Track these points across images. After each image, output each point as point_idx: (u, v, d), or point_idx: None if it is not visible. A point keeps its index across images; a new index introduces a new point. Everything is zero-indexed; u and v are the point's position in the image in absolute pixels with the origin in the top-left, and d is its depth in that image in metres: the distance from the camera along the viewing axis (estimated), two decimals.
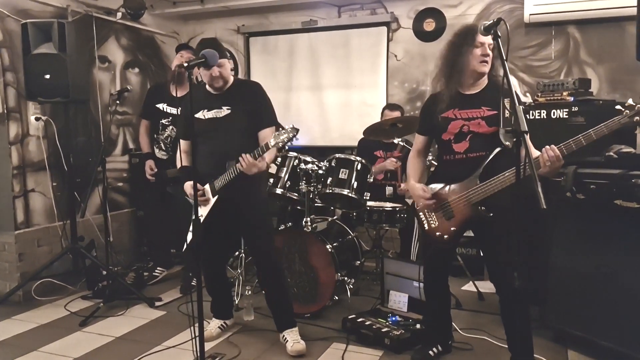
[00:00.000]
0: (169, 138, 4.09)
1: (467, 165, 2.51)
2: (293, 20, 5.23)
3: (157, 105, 4.11)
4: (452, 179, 2.57)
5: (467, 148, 2.52)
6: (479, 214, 2.47)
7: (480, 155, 2.48)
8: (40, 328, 3.40)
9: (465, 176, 2.51)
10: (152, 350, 3.00)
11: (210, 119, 2.90)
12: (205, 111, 2.92)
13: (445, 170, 2.64)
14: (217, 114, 2.90)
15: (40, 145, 4.09)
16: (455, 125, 2.52)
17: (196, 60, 2.40)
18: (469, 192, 2.48)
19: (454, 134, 2.53)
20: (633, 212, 2.56)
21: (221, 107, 2.90)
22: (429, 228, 2.66)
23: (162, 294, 3.94)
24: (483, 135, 2.47)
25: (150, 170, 4.11)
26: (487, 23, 1.95)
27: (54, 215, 4.17)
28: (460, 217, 2.54)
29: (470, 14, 4.62)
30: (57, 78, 3.66)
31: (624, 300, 2.59)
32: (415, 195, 2.67)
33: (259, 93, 2.97)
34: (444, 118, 2.56)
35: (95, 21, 4.54)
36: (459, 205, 2.53)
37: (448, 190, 2.58)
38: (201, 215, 2.88)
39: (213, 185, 2.88)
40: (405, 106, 4.89)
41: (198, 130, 2.86)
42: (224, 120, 2.89)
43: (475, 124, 2.48)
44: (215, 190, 2.87)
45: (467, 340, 3.04)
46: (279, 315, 3.08)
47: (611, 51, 4.18)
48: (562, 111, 3.37)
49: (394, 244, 4.68)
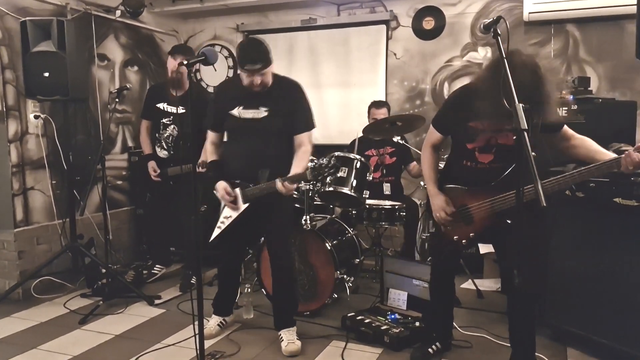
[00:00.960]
0: (170, 137, 4.08)
1: (489, 174, 2.43)
2: (292, 19, 5.23)
3: (157, 105, 4.09)
4: (471, 184, 2.50)
5: (491, 160, 2.45)
6: (501, 223, 2.39)
7: (504, 166, 2.39)
8: (39, 326, 3.40)
9: (486, 183, 2.43)
10: (152, 348, 3.00)
11: (247, 119, 2.81)
12: (241, 109, 2.81)
13: (462, 174, 2.55)
14: (254, 115, 2.79)
15: (39, 144, 4.09)
16: (484, 138, 2.43)
17: (196, 59, 2.31)
18: (496, 199, 2.40)
19: (480, 145, 2.45)
20: (632, 210, 2.56)
21: (259, 108, 2.79)
22: (445, 231, 2.60)
23: (162, 292, 3.94)
24: (510, 147, 2.35)
25: (154, 172, 4.09)
26: (487, 21, 1.95)
27: (53, 214, 4.17)
28: (481, 223, 2.48)
29: (469, 12, 4.62)
30: (56, 76, 3.66)
31: (623, 298, 2.60)
32: (437, 206, 2.56)
33: (299, 94, 2.87)
34: (472, 127, 2.44)
35: (94, 19, 4.54)
36: (481, 211, 2.46)
37: (468, 194, 2.51)
38: (229, 216, 2.90)
39: (246, 193, 2.83)
40: (404, 105, 4.91)
41: (232, 127, 2.81)
42: (261, 122, 2.79)
43: (503, 136, 2.38)
44: (247, 198, 2.83)
45: (466, 338, 3.04)
46: (280, 312, 3.07)
47: (610, 49, 4.18)
48: (562, 109, 3.37)
49: (393, 242, 4.69)
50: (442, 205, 2.55)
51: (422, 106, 4.85)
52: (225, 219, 2.95)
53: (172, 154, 4.07)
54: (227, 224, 2.93)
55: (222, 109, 2.85)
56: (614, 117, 3.46)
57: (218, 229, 2.98)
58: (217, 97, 2.99)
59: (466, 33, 4.66)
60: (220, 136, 2.98)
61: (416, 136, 4.76)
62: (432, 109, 4.72)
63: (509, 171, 2.36)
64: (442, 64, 4.76)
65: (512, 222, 2.36)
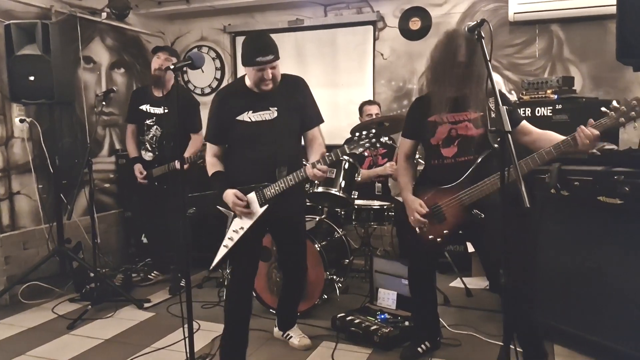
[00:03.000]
0: (154, 138, 4.08)
1: (456, 169, 2.51)
2: (279, 20, 5.23)
3: (140, 107, 4.10)
4: (441, 183, 2.57)
5: (455, 152, 2.52)
6: (472, 217, 2.47)
7: (469, 159, 2.49)
8: (27, 332, 3.37)
9: (455, 179, 2.51)
10: (142, 352, 2.99)
11: (258, 122, 2.61)
12: (250, 112, 2.61)
13: (433, 174, 2.63)
14: (264, 116, 2.61)
15: (25, 147, 4.06)
16: (443, 130, 2.52)
17: (182, 63, 2.27)
18: (461, 194, 2.49)
19: (441, 138, 2.52)
20: (616, 208, 2.60)
21: (268, 108, 2.62)
22: (420, 231, 2.65)
23: (151, 295, 3.93)
24: (471, 138, 2.47)
25: (140, 175, 4.09)
26: (471, 24, 1.97)
27: (40, 218, 4.14)
28: (453, 220, 2.55)
29: (455, 13, 4.65)
30: (41, 79, 3.63)
31: (608, 295, 2.63)
32: (411, 209, 2.62)
33: (304, 89, 2.76)
34: (431, 122, 2.54)
35: (79, 21, 4.51)
36: (451, 208, 2.53)
37: (438, 194, 2.58)
38: (241, 227, 2.61)
39: (262, 193, 2.57)
40: (391, 104, 4.93)
41: (242, 134, 2.61)
42: (273, 122, 2.61)
43: (462, 127, 2.48)
44: (266, 200, 2.57)
45: (455, 336, 3.07)
46: (286, 315, 3.11)
47: (594, 49, 4.24)
48: (547, 109, 3.42)
49: (382, 241, 4.71)
50: (415, 207, 2.60)
51: (410, 106, 4.86)
52: (234, 233, 2.62)
53: (156, 154, 4.07)
54: (238, 238, 2.61)
55: (227, 117, 2.63)
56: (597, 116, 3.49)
57: (224, 248, 2.64)
58: (220, 106, 2.68)
59: None
60: (223, 148, 2.74)
61: None
62: None
63: (475, 166, 2.45)
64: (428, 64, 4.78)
65: (486, 216, 2.43)
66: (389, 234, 4.42)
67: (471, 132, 2.47)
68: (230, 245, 2.62)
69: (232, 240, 2.62)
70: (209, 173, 2.70)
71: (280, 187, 2.53)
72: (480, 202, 2.44)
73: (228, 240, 2.64)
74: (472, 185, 2.44)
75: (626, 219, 2.59)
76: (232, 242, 2.62)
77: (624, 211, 2.58)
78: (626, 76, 4.10)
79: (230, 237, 2.64)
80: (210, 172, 2.68)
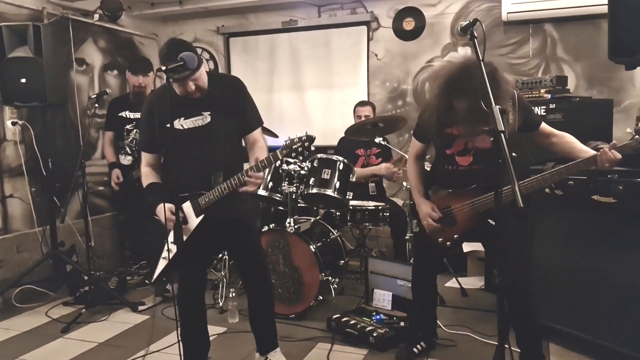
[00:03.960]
0: (133, 141, 4.20)
1: (470, 176, 2.48)
2: (273, 20, 5.22)
3: (120, 114, 4.24)
4: (454, 186, 2.54)
5: (471, 162, 2.49)
6: (484, 224, 2.43)
7: (484, 167, 2.45)
8: (21, 335, 3.35)
9: (468, 185, 2.48)
10: (136, 355, 2.97)
11: (191, 129, 2.45)
12: (182, 119, 2.45)
13: (445, 178, 2.59)
14: (197, 122, 2.46)
15: (17, 150, 4.03)
16: (461, 143, 2.48)
17: (174, 64, 2.19)
18: (475, 201, 2.45)
19: (458, 150, 2.50)
20: (610, 207, 2.61)
21: (201, 113, 2.46)
22: (430, 233, 2.63)
23: (145, 299, 3.91)
24: (487, 149, 2.41)
25: (116, 179, 4.19)
26: (464, 24, 1.97)
27: (34, 221, 4.11)
28: (464, 224, 2.52)
29: (449, 13, 4.66)
30: (33, 82, 3.61)
31: (602, 293, 2.64)
32: (424, 213, 2.59)
33: (240, 90, 2.57)
34: (448, 134, 2.49)
35: (72, 23, 4.48)
36: (463, 212, 2.51)
37: (450, 197, 2.55)
38: None
39: (197, 203, 2.43)
40: (386, 105, 4.93)
41: (175, 142, 2.40)
42: (207, 128, 2.46)
43: (479, 140, 2.42)
44: (201, 209, 2.44)
45: (451, 336, 3.07)
46: (265, 336, 2.78)
47: (587, 48, 4.25)
48: (540, 108, 3.42)
49: (378, 242, 4.71)
50: (428, 212, 2.58)
51: (404, 107, 4.88)
52: (173, 245, 2.45)
53: (136, 157, 4.15)
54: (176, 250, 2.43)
55: (157, 125, 2.46)
56: (591, 115, 3.52)
57: (164, 260, 2.51)
58: (149, 115, 2.52)
59: (446, 33, 4.69)
60: (158, 157, 2.59)
61: (398, 136, 4.79)
62: (414, 109, 4.75)
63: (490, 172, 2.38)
64: (423, 64, 4.79)
65: (495, 222, 2.38)
66: (385, 235, 4.42)
67: (487, 144, 2.39)
68: (169, 257, 2.50)
69: (172, 252, 2.48)
70: (144, 184, 2.56)
71: (215, 196, 2.39)
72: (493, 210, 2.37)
73: (166, 252, 2.51)
74: (486, 193, 2.40)
75: (620, 218, 2.60)
76: (172, 254, 2.48)
77: (618, 210, 2.59)
78: (619, 76, 4.12)
79: (169, 249, 2.50)
80: (145, 183, 2.55)
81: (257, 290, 2.72)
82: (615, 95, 4.10)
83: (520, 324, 2.51)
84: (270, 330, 2.78)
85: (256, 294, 2.72)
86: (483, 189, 2.42)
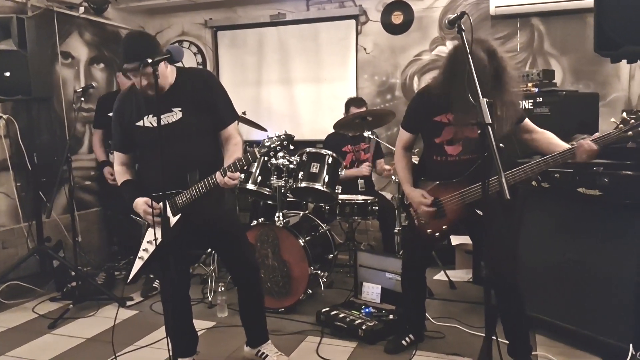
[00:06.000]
0: None
1: (459, 166, 2.49)
2: (261, 14, 5.19)
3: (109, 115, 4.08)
4: (442, 178, 2.55)
5: (460, 151, 2.50)
6: (473, 215, 2.45)
7: (473, 157, 2.46)
8: (8, 332, 3.32)
9: (457, 176, 2.49)
10: (125, 351, 2.96)
11: (162, 127, 2.28)
12: (150, 117, 2.38)
13: (434, 169, 2.60)
14: (167, 119, 2.37)
15: (2, 145, 3.98)
16: (449, 131, 2.49)
17: (161, 57, 2.16)
18: (463, 192, 2.46)
19: (447, 139, 2.50)
20: (595, 199, 2.63)
21: (171, 110, 2.38)
22: (419, 224, 2.65)
23: (133, 294, 3.89)
24: (476, 139, 2.43)
25: (110, 176, 4.13)
26: (451, 17, 1.96)
27: (19, 216, 4.07)
28: (453, 215, 2.53)
29: (437, 7, 4.66)
30: (17, 75, 3.56)
31: (589, 285, 2.67)
32: (415, 202, 2.60)
33: (212, 84, 2.48)
34: (436, 122, 2.50)
35: (56, 16, 4.42)
36: (452, 204, 2.52)
37: (439, 188, 2.56)
38: (156, 238, 2.41)
39: (173, 202, 2.38)
40: (375, 99, 4.93)
41: (145, 140, 2.39)
42: (177, 125, 2.38)
43: (469, 130, 2.42)
44: (178, 208, 2.39)
45: (439, 329, 3.09)
46: (255, 329, 2.79)
47: (574, 42, 4.28)
48: (528, 102, 3.44)
49: (367, 236, 4.72)
50: (420, 200, 2.58)
51: (393, 100, 4.88)
52: (149, 245, 2.45)
53: None
54: (153, 249, 2.43)
55: (127, 125, 2.43)
56: (577, 109, 3.55)
57: (140, 260, 2.48)
58: (118, 114, 2.48)
59: (434, 27, 4.70)
60: (131, 156, 2.55)
61: (387, 130, 4.79)
62: (403, 103, 4.75)
63: (477, 164, 2.41)
64: (411, 58, 4.80)
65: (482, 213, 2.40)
66: (374, 228, 4.43)
67: (475, 134, 2.41)
68: (145, 257, 2.46)
69: (147, 251, 2.45)
70: (118, 182, 2.53)
71: (191, 195, 2.34)
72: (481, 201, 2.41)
73: (143, 252, 2.47)
74: (474, 184, 2.41)
75: (605, 210, 2.63)
76: (147, 253, 2.45)
77: (603, 202, 2.61)
78: (605, 69, 4.16)
79: (145, 248, 2.47)
80: (119, 181, 2.52)
81: (246, 285, 2.71)
82: (601, 89, 4.14)
83: (508, 315, 2.53)
84: (261, 324, 2.79)
85: (245, 289, 2.72)
86: (472, 180, 2.43)
